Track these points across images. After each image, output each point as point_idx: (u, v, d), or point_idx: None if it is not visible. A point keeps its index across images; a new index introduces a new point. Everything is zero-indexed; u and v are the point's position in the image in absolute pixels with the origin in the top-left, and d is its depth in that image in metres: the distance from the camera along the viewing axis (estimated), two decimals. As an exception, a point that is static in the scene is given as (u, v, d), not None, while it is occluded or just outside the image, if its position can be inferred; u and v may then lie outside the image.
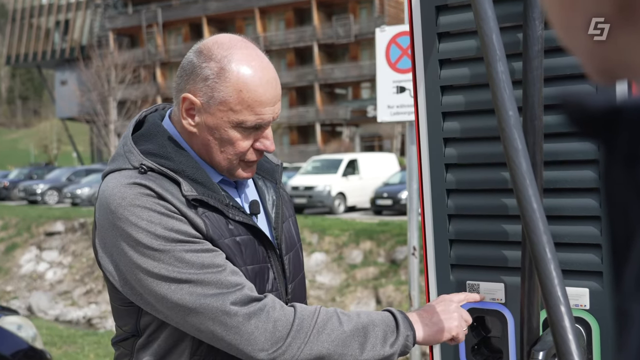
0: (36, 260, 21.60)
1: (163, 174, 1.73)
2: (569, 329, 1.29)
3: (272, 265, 1.82)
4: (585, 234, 1.60)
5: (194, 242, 1.67)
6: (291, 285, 1.87)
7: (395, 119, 6.39)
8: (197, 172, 1.77)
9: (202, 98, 1.75)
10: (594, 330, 1.60)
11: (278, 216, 1.91)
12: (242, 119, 1.75)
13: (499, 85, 1.43)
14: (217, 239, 1.70)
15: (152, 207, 1.66)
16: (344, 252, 16.71)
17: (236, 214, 1.76)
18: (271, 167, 2.02)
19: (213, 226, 1.71)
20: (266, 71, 1.77)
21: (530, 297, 1.55)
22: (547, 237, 1.34)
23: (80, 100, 43.28)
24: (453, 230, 1.77)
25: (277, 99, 1.79)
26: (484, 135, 1.70)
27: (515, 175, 1.38)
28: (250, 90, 1.74)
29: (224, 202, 1.76)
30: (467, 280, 1.76)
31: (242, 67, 1.74)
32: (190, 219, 1.69)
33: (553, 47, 1.56)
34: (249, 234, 1.78)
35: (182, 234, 1.67)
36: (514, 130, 1.39)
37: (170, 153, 1.78)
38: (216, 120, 1.76)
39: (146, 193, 1.68)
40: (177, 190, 1.71)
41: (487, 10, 1.46)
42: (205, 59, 1.75)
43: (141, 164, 1.73)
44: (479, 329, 1.77)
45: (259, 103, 1.74)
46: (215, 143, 1.79)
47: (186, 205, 1.70)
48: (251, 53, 1.78)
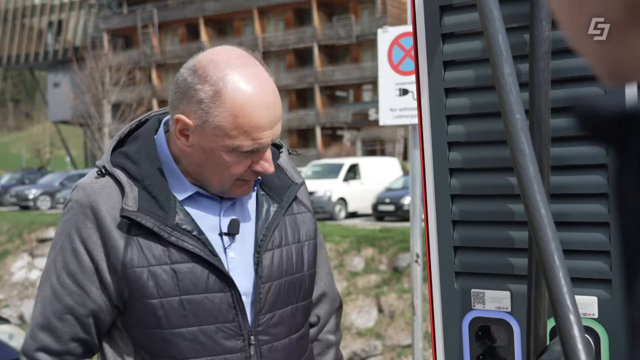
0: (28, 267, 21.58)
1: (118, 181, 1.76)
2: (578, 338, 1.28)
3: (231, 294, 1.78)
4: (593, 241, 1.60)
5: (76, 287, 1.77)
6: (266, 317, 1.83)
7: (397, 122, 6.39)
8: (156, 184, 1.76)
9: (197, 121, 1.73)
10: (602, 340, 1.60)
11: (265, 240, 1.85)
12: (238, 144, 1.72)
13: (505, 87, 1.42)
14: (136, 266, 1.71)
15: (77, 229, 1.76)
16: (344, 259, 16.69)
17: (180, 237, 1.74)
18: (282, 184, 1.95)
19: (140, 250, 1.72)
20: (264, 93, 1.73)
21: (537, 306, 1.55)
22: (555, 243, 1.33)
23: (74, 103, 43.32)
24: (457, 237, 1.77)
25: (276, 121, 1.76)
26: (489, 139, 1.70)
27: (522, 180, 1.37)
28: (246, 116, 1.70)
29: (167, 223, 1.73)
30: (472, 289, 1.76)
31: (238, 92, 1.70)
32: (110, 241, 1.73)
33: (560, 49, 1.56)
34: (193, 260, 1.75)
35: (73, 277, 1.77)
36: (520, 133, 1.39)
37: (140, 158, 1.79)
38: (211, 144, 1.74)
39: (81, 205, 1.77)
40: (120, 201, 1.74)
41: (492, 11, 1.46)
42: (200, 81, 1.72)
43: (103, 166, 1.79)
44: (484, 338, 1.76)
45: (256, 128, 1.71)
46: (210, 165, 1.77)
47: (117, 222, 1.73)
48: (248, 73, 1.73)
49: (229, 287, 1.78)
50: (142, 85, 51.27)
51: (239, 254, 1.84)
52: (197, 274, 1.75)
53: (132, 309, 1.76)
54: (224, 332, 1.78)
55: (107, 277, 1.75)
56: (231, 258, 1.82)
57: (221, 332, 1.77)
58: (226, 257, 1.82)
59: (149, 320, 1.75)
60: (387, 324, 14.95)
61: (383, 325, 14.98)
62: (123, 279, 1.73)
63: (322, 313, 2.12)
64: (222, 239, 1.83)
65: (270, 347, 1.83)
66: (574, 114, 0.52)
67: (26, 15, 62.21)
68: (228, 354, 1.78)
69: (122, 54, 47.42)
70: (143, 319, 1.75)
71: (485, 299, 1.74)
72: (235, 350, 1.79)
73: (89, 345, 1.83)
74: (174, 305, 1.73)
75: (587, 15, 0.55)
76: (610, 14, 0.53)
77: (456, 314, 1.77)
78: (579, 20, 0.56)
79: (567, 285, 1.32)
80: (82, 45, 56.16)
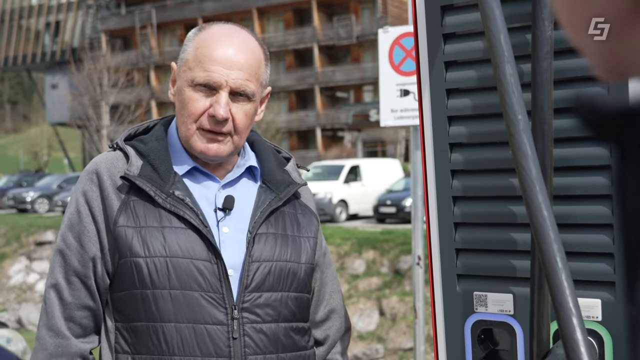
0: (26, 271, 21.59)
1: (126, 153, 1.91)
2: (581, 341, 1.28)
3: (217, 265, 1.84)
4: (597, 243, 1.60)
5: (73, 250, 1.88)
6: (252, 295, 1.86)
7: (399, 123, 6.39)
8: (160, 159, 1.89)
9: (178, 62, 1.93)
10: (606, 342, 1.60)
11: (258, 222, 1.92)
12: (193, 76, 1.86)
13: (507, 88, 1.42)
14: (126, 225, 1.82)
15: (83, 193, 1.89)
16: (345, 262, 16.70)
17: (174, 204, 1.84)
18: (284, 180, 2.03)
19: (133, 211, 1.84)
20: (233, 39, 1.89)
21: (540, 309, 1.55)
22: (557, 245, 1.33)
23: (72, 105, 43.36)
24: (459, 239, 1.77)
25: (236, 65, 1.87)
26: (491, 140, 1.70)
27: (525, 182, 1.37)
28: (205, 47, 1.87)
29: (163, 190, 1.85)
30: (474, 291, 1.76)
31: (208, 32, 1.90)
32: (107, 201, 1.85)
33: (563, 49, 1.56)
34: (183, 227, 1.84)
35: (77, 238, 1.87)
36: (522, 134, 1.39)
37: (149, 139, 1.95)
38: (180, 82, 1.91)
39: (88, 172, 1.92)
40: (124, 169, 1.87)
41: (494, 10, 1.46)
42: (194, 30, 1.96)
43: (115, 142, 1.96)
44: (487, 342, 1.76)
45: (209, 60, 1.85)
46: (179, 108, 1.91)
47: (117, 185, 1.86)
48: (229, 26, 1.94)
49: (215, 258, 1.83)
50: (140, 86, 51.33)
51: (233, 230, 1.90)
52: (185, 239, 1.83)
53: (120, 270, 1.84)
54: (207, 300, 1.82)
55: (104, 237, 1.86)
56: (224, 232, 1.89)
57: (204, 299, 1.81)
58: (218, 230, 1.89)
59: (133, 279, 1.82)
60: (388, 327, 14.96)
61: (384, 328, 14.98)
62: (113, 238, 1.83)
63: (332, 332, 2.14)
64: (216, 213, 1.91)
65: (254, 327, 1.85)
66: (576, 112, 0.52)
67: (23, 16, 62.22)
68: (209, 324, 1.81)
69: (120, 55, 47.38)
70: (128, 278, 1.82)
71: (488, 302, 1.74)
72: (217, 321, 1.82)
73: (95, 316, 1.90)
74: (158, 265, 1.80)
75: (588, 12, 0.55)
76: (613, 10, 0.53)
77: (458, 317, 1.77)
78: (581, 18, 0.56)
79: (570, 288, 1.32)
80: (80, 46, 56.23)
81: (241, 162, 2.00)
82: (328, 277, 2.13)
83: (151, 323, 1.80)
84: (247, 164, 2.00)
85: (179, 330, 1.80)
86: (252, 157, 2.03)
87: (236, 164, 2.00)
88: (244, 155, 2.02)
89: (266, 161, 2.03)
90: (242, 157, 2.01)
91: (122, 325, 1.85)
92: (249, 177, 2.01)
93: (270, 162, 2.04)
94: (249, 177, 2.01)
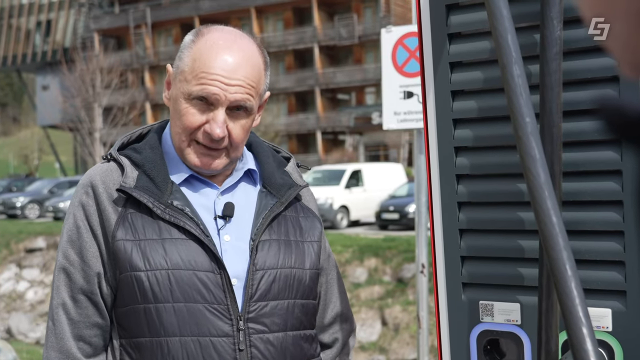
0: (16, 279, 21.58)
1: (120, 164, 1.90)
2: (591, 352, 1.28)
3: (220, 275, 1.83)
4: (607, 250, 1.60)
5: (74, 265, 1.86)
6: (258, 305, 1.86)
7: (402, 126, 6.39)
8: (155, 168, 1.88)
9: (174, 69, 1.92)
10: (616, 353, 1.60)
11: (261, 228, 1.91)
12: (190, 90, 1.84)
13: (515, 89, 1.43)
14: (125, 239, 1.81)
15: (80, 207, 1.88)
16: (347, 270, 16.69)
17: (173, 214, 1.83)
18: (285, 183, 2.03)
19: (131, 224, 1.83)
20: (232, 50, 1.86)
21: (549, 318, 1.55)
22: (567, 253, 1.33)
23: (63, 107, 43.31)
24: (465, 246, 1.77)
25: (235, 79, 1.84)
26: (498, 143, 1.70)
27: (533, 187, 1.37)
28: (202, 59, 1.84)
29: (161, 201, 1.84)
30: (480, 300, 1.76)
31: (207, 41, 1.87)
32: (105, 215, 1.84)
33: (572, 49, 1.56)
34: (184, 238, 1.83)
35: (79, 254, 1.86)
36: (530, 138, 1.39)
37: (143, 148, 1.94)
38: (176, 90, 1.89)
39: (83, 185, 1.90)
40: (119, 181, 1.87)
41: (501, 9, 1.46)
42: (191, 35, 1.93)
43: (109, 153, 1.95)
44: (493, 352, 1.76)
45: (207, 74, 1.83)
46: (174, 118, 1.91)
47: (114, 198, 1.86)
48: (229, 34, 1.90)
49: (218, 268, 1.83)
50: (134, 88, 51.38)
51: (235, 238, 1.90)
52: (186, 250, 1.82)
53: (121, 285, 1.83)
54: (211, 312, 1.81)
55: (104, 251, 1.85)
56: (225, 241, 1.89)
57: (208, 311, 1.81)
58: (220, 239, 1.88)
59: (135, 294, 1.81)
60: (391, 337, 14.95)
61: (387, 339, 14.97)
62: (112, 253, 1.82)
63: (341, 335, 2.15)
64: (217, 221, 1.90)
65: (261, 337, 1.85)
66: (599, 114, 0.52)
67: (13, 15, 62.28)
68: (214, 337, 1.81)
69: (113, 55, 47.36)
70: (129, 293, 1.81)
71: (494, 311, 1.74)
72: (222, 333, 1.81)
73: (104, 334, 1.89)
74: (159, 278, 1.79)
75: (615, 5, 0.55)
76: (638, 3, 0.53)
77: (464, 327, 1.77)
78: (606, 11, 0.56)
79: (580, 297, 1.32)
80: (72, 46, 56.25)
81: (239, 166, 2.00)
82: (333, 279, 2.14)
83: (155, 338, 1.80)
84: (246, 167, 2.00)
85: (184, 345, 1.79)
86: (250, 160, 2.03)
87: (234, 168, 1.99)
88: (242, 159, 2.01)
89: (265, 163, 2.03)
90: (240, 161, 2.01)
91: (127, 341, 1.84)
92: (248, 181, 2.01)
93: (270, 164, 2.03)
94: (248, 181, 2.01)
